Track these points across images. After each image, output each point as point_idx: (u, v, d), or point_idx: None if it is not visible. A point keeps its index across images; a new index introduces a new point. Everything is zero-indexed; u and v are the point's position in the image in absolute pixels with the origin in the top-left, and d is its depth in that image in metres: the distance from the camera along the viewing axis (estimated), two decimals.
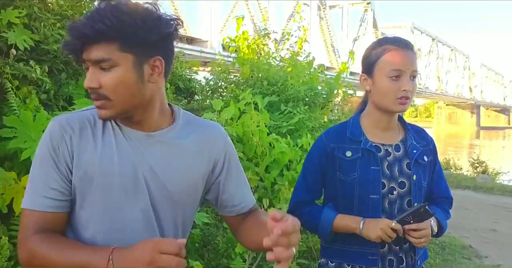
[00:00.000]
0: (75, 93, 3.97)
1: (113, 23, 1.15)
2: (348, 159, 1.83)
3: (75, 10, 4.30)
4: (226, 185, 1.45)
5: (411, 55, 1.77)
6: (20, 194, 2.89)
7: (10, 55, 3.52)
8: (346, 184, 1.84)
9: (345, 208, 1.87)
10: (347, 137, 1.87)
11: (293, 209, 1.96)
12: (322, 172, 1.90)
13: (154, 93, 1.30)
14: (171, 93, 5.13)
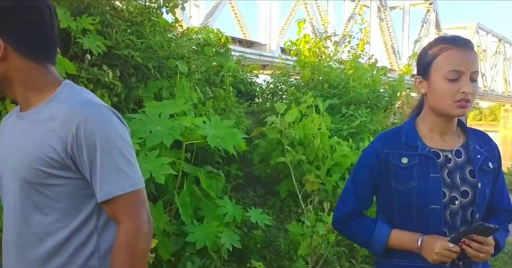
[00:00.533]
0: (144, 96, 4.14)
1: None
2: (404, 166, 1.68)
3: (144, 16, 4.48)
4: (85, 170, 1.27)
5: (471, 55, 1.63)
6: None
7: (85, 60, 3.73)
8: (403, 194, 1.68)
9: (401, 220, 1.71)
10: (402, 143, 1.72)
11: (340, 220, 1.81)
12: (374, 180, 1.74)
13: (7, 72, 1.25)
14: (234, 96, 5.21)
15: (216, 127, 3.69)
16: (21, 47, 1.24)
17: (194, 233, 3.38)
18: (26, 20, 1.23)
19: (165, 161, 3.26)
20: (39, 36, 1.25)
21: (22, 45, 1.24)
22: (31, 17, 1.23)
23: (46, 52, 1.29)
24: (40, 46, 1.27)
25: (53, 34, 1.30)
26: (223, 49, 6.03)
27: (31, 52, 1.26)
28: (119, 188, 1.23)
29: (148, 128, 3.38)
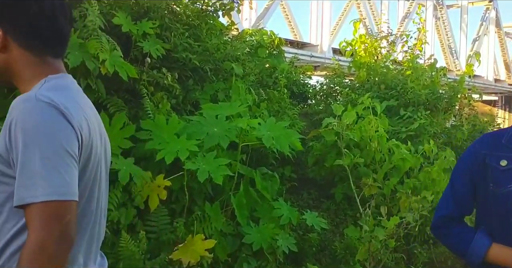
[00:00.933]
0: (201, 98, 4.20)
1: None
2: (503, 168, 1.58)
3: (200, 19, 4.55)
4: (16, 168, 1.14)
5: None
6: (155, 192, 3.12)
7: (145, 63, 3.83)
8: (499, 198, 1.58)
9: (498, 230, 1.60)
10: (502, 144, 1.63)
11: (439, 225, 1.73)
12: (473, 182, 1.66)
13: (7, 62, 1.23)
14: (288, 98, 5.19)
15: (271, 128, 3.69)
16: (19, 37, 1.22)
17: (251, 235, 3.38)
18: (24, 11, 1.21)
19: (222, 162, 3.29)
20: (37, 27, 1.22)
21: (20, 35, 1.22)
22: (29, 8, 1.21)
23: (46, 43, 1.25)
24: (39, 37, 1.23)
25: (55, 25, 1.25)
26: (276, 50, 6.02)
27: (29, 43, 1.23)
28: (32, 195, 1.06)
29: (205, 130, 3.43)
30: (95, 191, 1.23)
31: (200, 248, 2.96)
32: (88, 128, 1.18)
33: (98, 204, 1.26)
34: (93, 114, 1.28)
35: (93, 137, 1.19)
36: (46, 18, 1.22)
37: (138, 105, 3.81)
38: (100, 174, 1.25)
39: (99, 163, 1.24)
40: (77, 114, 1.15)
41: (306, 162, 4.85)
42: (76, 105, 1.18)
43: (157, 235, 3.16)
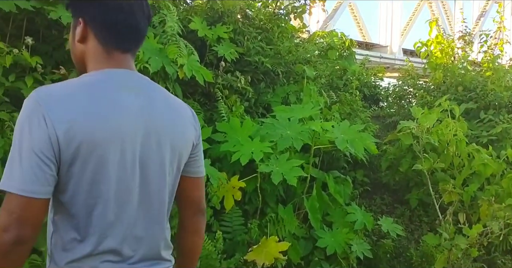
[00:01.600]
0: (272, 101, 4.23)
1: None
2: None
3: (273, 23, 4.58)
4: None
5: None
6: (230, 193, 3.17)
7: (219, 67, 3.91)
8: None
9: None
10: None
11: None
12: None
13: (83, 53, 1.27)
14: (360, 100, 5.10)
15: (345, 131, 3.64)
16: (97, 29, 1.24)
17: (324, 239, 3.35)
18: (104, 4, 1.23)
19: (295, 163, 3.29)
20: (114, 20, 1.23)
21: (98, 27, 1.24)
22: (109, 1, 1.24)
23: (120, 37, 1.25)
24: (114, 31, 1.24)
25: (130, 21, 1.25)
26: (347, 52, 5.94)
27: (104, 35, 1.24)
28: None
29: (279, 132, 3.44)
30: (100, 183, 1.16)
31: (274, 250, 2.97)
32: (85, 124, 1.12)
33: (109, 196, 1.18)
34: (129, 112, 1.20)
35: (93, 136, 1.13)
36: (123, 12, 1.24)
37: (213, 108, 3.90)
38: (108, 168, 1.16)
39: (108, 158, 1.16)
40: (64, 109, 1.12)
41: (379, 166, 4.73)
42: (75, 98, 1.15)
43: (232, 235, 3.21)
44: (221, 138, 3.43)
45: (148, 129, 1.22)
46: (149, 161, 1.23)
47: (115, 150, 1.15)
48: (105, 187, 1.15)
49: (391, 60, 13.93)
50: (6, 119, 2.67)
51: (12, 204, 1.08)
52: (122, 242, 1.20)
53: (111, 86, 1.21)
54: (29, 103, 1.13)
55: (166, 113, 1.28)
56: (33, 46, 2.94)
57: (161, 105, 1.28)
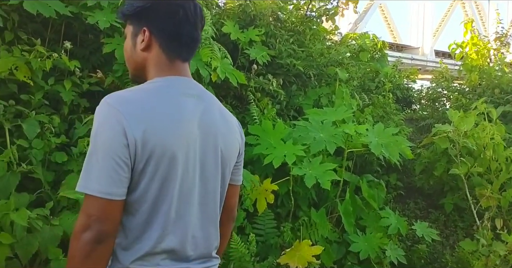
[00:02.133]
0: (304, 104, 4.21)
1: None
2: None
3: (305, 25, 4.57)
4: None
5: None
6: (263, 196, 3.17)
7: (251, 69, 3.92)
8: None
9: None
10: None
11: None
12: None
13: (145, 60, 1.32)
14: (393, 103, 5.03)
15: (380, 134, 3.59)
16: (162, 39, 1.29)
17: (358, 243, 3.31)
18: (172, 16, 1.28)
19: (329, 167, 3.26)
20: (180, 31, 1.29)
21: (163, 37, 1.29)
22: (176, 14, 1.28)
23: (183, 47, 1.31)
24: (179, 41, 1.30)
25: (193, 32, 1.32)
26: (379, 54, 5.87)
27: (169, 45, 1.30)
28: (77, 184, 1.17)
29: (311, 135, 3.42)
30: (169, 187, 1.21)
31: (307, 253, 2.95)
32: (159, 126, 1.18)
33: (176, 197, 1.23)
34: (191, 118, 1.25)
35: (165, 138, 1.18)
36: (189, 24, 1.30)
37: (244, 111, 3.91)
38: (176, 171, 1.21)
39: (178, 161, 1.21)
40: (139, 113, 1.16)
41: (413, 170, 4.65)
42: (147, 103, 1.20)
43: (264, 238, 3.21)
44: (253, 141, 3.43)
45: (207, 133, 1.28)
46: (206, 163, 1.28)
47: (181, 151, 1.21)
48: (172, 185, 1.21)
49: (422, 62, 13.71)
50: (46, 122, 2.74)
51: (90, 206, 1.14)
52: (182, 241, 1.24)
53: (175, 92, 1.28)
54: (104, 108, 1.18)
55: (219, 120, 1.34)
56: (71, 50, 3.01)
57: (216, 111, 1.34)
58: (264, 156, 3.28)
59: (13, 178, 2.50)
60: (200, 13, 1.34)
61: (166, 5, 1.31)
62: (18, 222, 2.21)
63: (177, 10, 1.29)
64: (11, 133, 2.63)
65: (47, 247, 2.32)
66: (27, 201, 2.49)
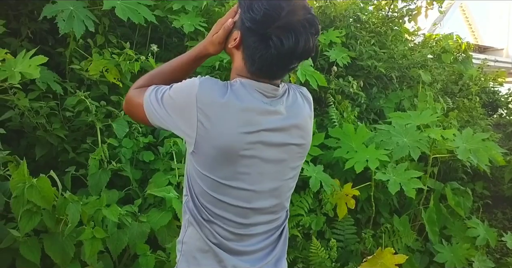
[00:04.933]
0: (385, 107, 4.08)
1: None
2: None
3: (386, 26, 4.43)
4: None
5: None
6: (343, 200, 3.10)
7: (331, 71, 3.86)
8: None
9: None
10: None
11: None
12: None
13: (232, 58, 1.31)
14: (480, 107, 4.75)
15: (468, 140, 3.39)
16: (245, 55, 1.24)
17: (443, 253, 3.15)
18: (266, 45, 1.18)
19: (414, 174, 3.13)
20: (263, 60, 1.20)
21: (247, 55, 1.23)
22: (270, 47, 1.18)
23: (263, 72, 1.24)
24: (258, 66, 1.22)
25: (281, 64, 1.22)
26: (462, 56, 5.56)
27: (249, 62, 1.24)
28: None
29: (395, 140, 3.30)
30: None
31: (390, 262, 2.84)
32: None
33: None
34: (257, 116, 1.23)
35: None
36: (277, 58, 1.21)
37: (323, 113, 3.85)
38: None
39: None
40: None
41: (501, 178, 4.36)
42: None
43: (344, 244, 3.14)
44: (333, 144, 3.37)
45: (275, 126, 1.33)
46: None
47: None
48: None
49: (507, 64, 12.89)
50: (134, 122, 2.84)
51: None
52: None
53: (239, 94, 1.27)
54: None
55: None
56: (157, 53, 3.11)
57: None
58: (344, 160, 3.21)
59: (104, 175, 2.63)
60: (303, 48, 1.20)
61: (269, 35, 1.20)
62: (110, 218, 2.30)
63: (273, 44, 1.19)
64: (102, 132, 2.76)
65: (136, 242, 2.40)
66: (117, 198, 2.60)
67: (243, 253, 1.29)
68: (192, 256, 1.29)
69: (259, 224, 1.31)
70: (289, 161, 1.32)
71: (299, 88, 1.40)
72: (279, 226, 1.37)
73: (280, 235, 1.37)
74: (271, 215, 1.33)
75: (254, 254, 1.31)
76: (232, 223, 1.27)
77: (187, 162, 1.30)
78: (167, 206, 2.47)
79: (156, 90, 1.28)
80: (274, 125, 1.25)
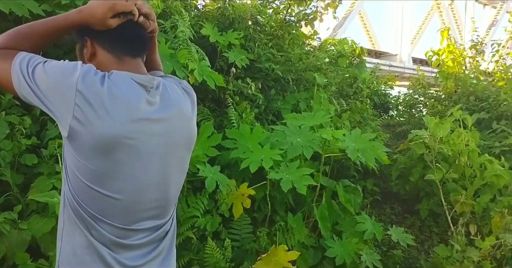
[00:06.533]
0: (282, 108, 4.19)
1: None
2: None
3: (284, 29, 4.56)
4: None
5: None
6: (239, 200, 3.13)
7: (230, 73, 3.89)
8: None
9: None
10: None
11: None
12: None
13: (98, 66, 1.27)
14: (370, 109, 5.06)
15: (357, 140, 3.59)
16: (103, 43, 1.29)
17: (334, 248, 3.30)
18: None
19: (306, 172, 3.25)
20: (117, 33, 1.28)
21: (104, 41, 1.29)
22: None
23: (125, 46, 1.31)
24: (119, 41, 1.29)
25: (134, 31, 1.31)
26: (357, 60, 5.90)
27: (111, 45, 1.29)
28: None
29: (289, 140, 3.41)
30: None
31: (283, 259, 2.92)
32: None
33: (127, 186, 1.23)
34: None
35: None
36: (128, 23, 1.29)
37: (222, 114, 3.87)
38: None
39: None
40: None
41: (389, 176, 4.68)
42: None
43: (240, 243, 3.17)
44: (230, 144, 3.39)
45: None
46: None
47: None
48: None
49: (400, 69, 13.88)
50: (16, 123, 2.65)
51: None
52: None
53: (118, 83, 1.26)
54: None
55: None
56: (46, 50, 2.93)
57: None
58: (241, 160, 3.25)
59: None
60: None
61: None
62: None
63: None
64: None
65: (15, 252, 2.24)
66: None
67: (127, 248, 1.24)
68: (73, 253, 1.22)
69: (144, 219, 1.27)
70: (174, 153, 1.30)
71: (178, 81, 1.42)
72: (165, 222, 1.33)
73: (167, 232, 1.34)
74: (157, 210, 1.29)
75: (138, 250, 1.26)
76: (114, 217, 1.21)
77: (64, 149, 1.23)
78: (50, 211, 2.33)
79: (28, 60, 1.21)
80: (155, 115, 1.24)
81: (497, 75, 5.75)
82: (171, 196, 1.34)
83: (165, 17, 3.69)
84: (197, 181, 3.19)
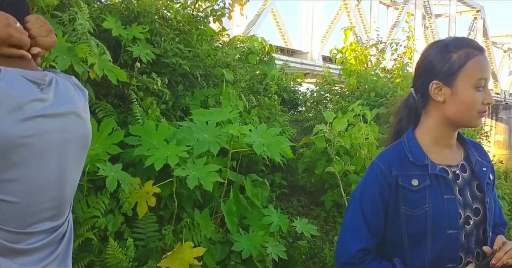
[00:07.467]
0: (191, 104, 4.16)
1: None
2: (415, 189, 1.50)
3: (191, 25, 4.52)
4: None
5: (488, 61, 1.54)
6: (143, 199, 3.07)
7: (134, 68, 3.78)
8: (415, 220, 1.50)
9: (414, 249, 1.52)
10: (409, 162, 1.53)
11: (354, 260, 1.52)
12: (384, 208, 1.53)
13: None
14: (278, 105, 5.18)
15: (262, 135, 3.66)
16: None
17: (240, 242, 3.34)
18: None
19: (212, 168, 3.26)
20: None
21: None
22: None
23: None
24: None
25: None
26: (267, 57, 6.02)
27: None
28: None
29: (195, 136, 3.39)
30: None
31: (188, 256, 2.91)
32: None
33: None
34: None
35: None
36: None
37: (127, 111, 3.77)
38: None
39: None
40: None
41: (296, 169, 4.83)
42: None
43: (145, 242, 3.11)
44: (135, 141, 3.31)
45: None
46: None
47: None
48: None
49: (311, 66, 14.37)
50: None
51: None
52: None
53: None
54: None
55: None
56: None
57: None
58: (146, 158, 3.18)
59: None
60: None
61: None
62: None
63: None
64: None
65: None
66: None
67: (21, 253, 1.16)
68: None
69: (40, 221, 1.20)
70: (70, 150, 1.25)
71: (68, 77, 1.36)
72: (62, 223, 1.27)
73: (64, 234, 1.28)
74: (53, 210, 1.23)
75: (34, 255, 1.19)
76: (5, 221, 1.12)
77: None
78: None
79: None
80: (49, 110, 1.18)
81: (395, 72, 6.15)
82: (67, 195, 1.28)
83: (63, 9, 3.51)
84: (99, 180, 3.08)
